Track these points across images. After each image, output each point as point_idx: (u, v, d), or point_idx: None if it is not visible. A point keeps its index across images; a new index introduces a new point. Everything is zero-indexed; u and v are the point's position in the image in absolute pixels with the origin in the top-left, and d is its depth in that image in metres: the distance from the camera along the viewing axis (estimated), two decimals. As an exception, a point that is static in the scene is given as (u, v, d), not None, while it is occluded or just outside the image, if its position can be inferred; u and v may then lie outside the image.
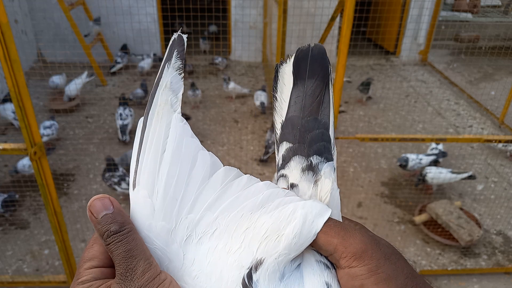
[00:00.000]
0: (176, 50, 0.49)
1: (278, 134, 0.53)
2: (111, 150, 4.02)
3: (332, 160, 0.50)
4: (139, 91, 4.81)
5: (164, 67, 0.49)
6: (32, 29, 5.71)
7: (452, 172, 3.32)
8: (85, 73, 4.72)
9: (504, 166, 3.95)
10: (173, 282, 0.41)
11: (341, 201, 0.49)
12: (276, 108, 0.54)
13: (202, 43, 6.23)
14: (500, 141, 2.51)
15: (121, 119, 4.13)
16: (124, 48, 5.67)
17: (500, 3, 5.06)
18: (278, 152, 0.52)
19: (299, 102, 0.52)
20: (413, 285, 0.40)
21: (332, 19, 3.21)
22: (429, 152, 3.79)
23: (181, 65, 0.48)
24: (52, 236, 2.81)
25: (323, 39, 3.62)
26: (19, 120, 1.82)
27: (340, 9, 3.11)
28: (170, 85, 0.47)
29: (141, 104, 4.85)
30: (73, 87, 4.57)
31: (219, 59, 5.89)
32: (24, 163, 3.32)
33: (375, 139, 2.38)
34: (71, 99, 4.70)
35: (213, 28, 6.86)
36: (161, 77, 0.49)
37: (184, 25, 6.93)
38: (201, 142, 0.51)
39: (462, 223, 2.92)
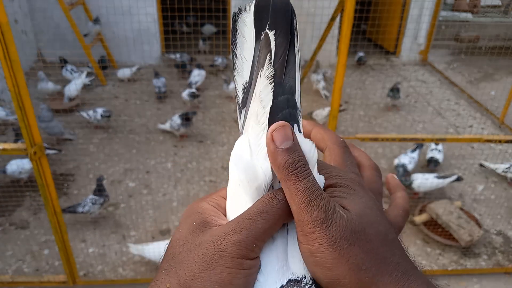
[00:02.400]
0: (268, 53, 0.43)
1: (240, 97, 0.46)
2: (111, 150, 4.03)
3: (299, 127, 0.45)
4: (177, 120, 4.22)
5: (258, 74, 0.43)
6: (32, 29, 5.71)
7: (439, 177, 3.27)
8: (85, 73, 4.72)
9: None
10: None
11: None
12: (237, 67, 0.47)
13: (202, 44, 6.23)
14: (500, 141, 2.51)
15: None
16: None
17: (500, 3, 5.06)
18: (240, 117, 0.47)
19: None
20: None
21: (332, 19, 3.21)
22: (428, 153, 3.80)
23: (272, 73, 0.42)
24: (52, 236, 2.81)
25: (323, 39, 3.62)
26: (19, 120, 1.82)
27: (340, 9, 3.11)
28: (259, 96, 0.42)
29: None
30: (73, 87, 4.57)
31: (219, 60, 5.89)
32: (14, 169, 3.26)
33: (375, 139, 2.38)
34: (71, 99, 4.70)
35: (208, 28, 6.83)
36: (254, 86, 0.43)
37: (184, 25, 6.93)
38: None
39: (462, 223, 2.92)
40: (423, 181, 3.23)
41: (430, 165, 3.68)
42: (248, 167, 0.41)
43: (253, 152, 0.42)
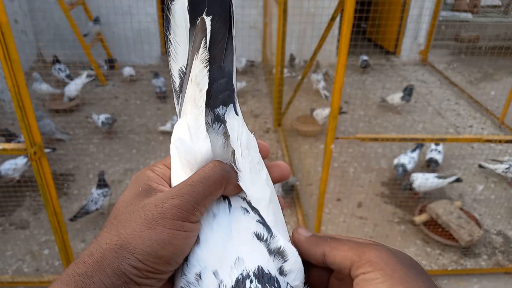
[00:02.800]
0: (204, 38, 0.43)
1: (177, 82, 0.47)
2: (111, 150, 4.03)
3: (236, 109, 0.47)
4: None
5: (193, 58, 0.44)
6: (32, 29, 5.71)
7: (439, 177, 3.27)
8: (85, 73, 4.71)
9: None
10: None
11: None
12: (171, 53, 0.47)
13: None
14: (500, 141, 2.51)
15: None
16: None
17: (500, 3, 5.06)
18: (177, 103, 0.47)
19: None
20: None
21: (332, 19, 3.21)
22: (428, 154, 3.80)
23: (207, 57, 0.43)
24: (52, 236, 2.81)
25: (323, 39, 3.62)
26: (19, 120, 1.82)
27: (340, 9, 3.11)
28: (196, 79, 0.43)
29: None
30: (73, 87, 4.57)
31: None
32: (7, 167, 3.26)
33: (375, 139, 2.38)
34: (71, 99, 4.69)
35: None
36: (190, 70, 0.44)
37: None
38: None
39: (462, 223, 2.92)
40: (423, 181, 3.23)
41: (430, 165, 3.68)
42: (188, 150, 0.43)
43: (192, 135, 0.43)
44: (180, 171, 0.45)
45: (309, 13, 5.07)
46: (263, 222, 0.43)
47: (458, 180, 3.30)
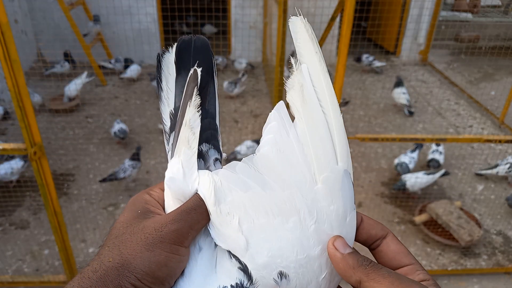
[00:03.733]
0: (195, 86, 0.50)
1: (168, 125, 0.54)
2: (111, 150, 4.03)
3: (218, 146, 0.53)
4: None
5: (186, 105, 0.49)
6: (32, 29, 5.71)
7: (428, 174, 3.31)
8: (85, 73, 4.71)
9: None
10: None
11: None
12: (163, 98, 0.55)
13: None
14: (500, 141, 2.51)
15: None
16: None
17: (500, 3, 5.06)
18: (168, 142, 0.53)
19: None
20: None
21: (332, 19, 3.21)
22: (429, 154, 3.80)
23: (200, 102, 0.49)
24: (52, 236, 2.81)
25: (323, 39, 3.62)
26: (19, 120, 1.82)
27: (340, 9, 3.11)
28: (189, 123, 0.48)
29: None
30: (73, 87, 4.57)
31: (219, 59, 5.89)
32: (3, 172, 3.20)
33: (375, 139, 2.38)
34: (71, 99, 4.69)
35: (208, 28, 6.83)
36: (183, 115, 0.50)
37: (184, 25, 6.93)
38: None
39: (462, 223, 2.92)
40: (415, 180, 3.25)
41: (430, 166, 3.68)
42: (179, 190, 0.48)
43: (185, 174, 0.48)
44: (172, 205, 0.49)
45: (309, 13, 5.07)
46: (243, 269, 0.44)
47: (446, 173, 3.36)
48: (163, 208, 0.50)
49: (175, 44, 0.54)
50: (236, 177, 0.47)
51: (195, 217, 0.45)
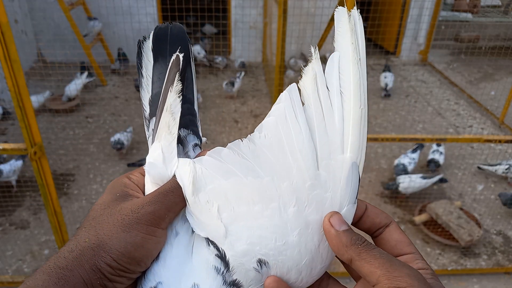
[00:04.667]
0: (177, 72, 0.50)
1: (147, 111, 0.54)
2: (111, 150, 4.02)
3: (197, 132, 0.54)
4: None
5: (168, 90, 0.50)
6: (32, 29, 5.71)
7: (424, 178, 3.29)
8: (85, 73, 4.71)
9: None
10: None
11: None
12: (143, 85, 0.55)
13: (201, 44, 6.23)
14: (500, 141, 2.51)
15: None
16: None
17: (500, 3, 5.06)
18: (148, 128, 0.53)
19: (163, 78, 0.52)
20: None
21: (332, 19, 3.21)
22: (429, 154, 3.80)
23: (181, 88, 0.49)
24: (52, 236, 2.81)
25: (323, 39, 3.62)
26: (19, 120, 1.82)
27: (340, 9, 3.11)
28: (170, 108, 0.49)
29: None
30: (73, 87, 4.57)
31: (219, 59, 5.89)
32: (8, 168, 3.21)
33: (375, 139, 2.38)
34: (71, 99, 4.69)
35: (208, 28, 6.83)
36: (165, 101, 0.50)
37: (184, 25, 6.93)
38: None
39: (462, 223, 2.92)
40: (409, 183, 3.23)
41: (430, 166, 3.68)
42: (158, 175, 0.48)
43: (165, 158, 0.48)
44: (151, 189, 0.49)
45: (309, 13, 5.07)
46: (221, 256, 0.44)
47: (442, 180, 3.35)
48: (143, 193, 0.50)
49: (152, 31, 0.55)
50: (219, 164, 0.46)
51: (173, 199, 0.45)
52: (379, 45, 7.02)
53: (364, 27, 0.51)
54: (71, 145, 4.07)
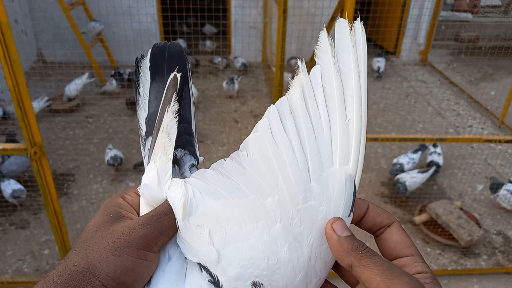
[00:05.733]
0: (174, 92, 0.49)
1: (144, 130, 0.53)
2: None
3: (194, 152, 0.53)
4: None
5: (164, 110, 0.49)
6: (32, 29, 5.71)
7: (422, 172, 3.34)
8: (86, 74, 4.71)
9: (504, 166, 3.95)
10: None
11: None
12: (140, 103, 0.55)
13: (202, 44, 6.23)
14: (500, 141, 2.51)
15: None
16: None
17: (500, 3, 5.06)
18: (144, 148, 0.53)
19: (160, 97, 0.52)
20: None
21: (332, 19, 3.22)
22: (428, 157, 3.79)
23: (178, 108, 0.49)
24: (52, 236, 2.81)
25: (323, 39, 3.61)
26: (19, 120, 1.82)
27: (340, 9, 3.11)
28: (166, 129, 0.48)
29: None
30: (73, 87, 4.57)
31: (218, 59, 5.89)
32: (12, 160, 3.23)
33: (375, 139, 2.38)
34: (71, 99, 4.69)
35: (208, 28, 6.83)
36: (161, 120, 0.49)
37: (184, 25, 6.93)
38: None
39: (462, 223, 2.92)
40: (412, 180, 3.26)
41: (431, 168, 3.65)
42: (151, 197, 0.47)
43: (160, 180, 0.47)
44: (145, 211, 0.48)
45: (309, 13, 5.07)
46: (214, 282, 0.43)
47: (437, 170, 3.49)
48: (137, 213, 0.49)
49: (149, 50, 0.55)
50: (205, 186, 0.46)
51: (166, 222, 0.44)
52: (379, 45, 7.02)
53: (364, 27, 0.51)
54: (71, 145, 4.07)
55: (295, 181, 0.45)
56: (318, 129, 0.47)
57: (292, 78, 0.50)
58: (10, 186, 3.09)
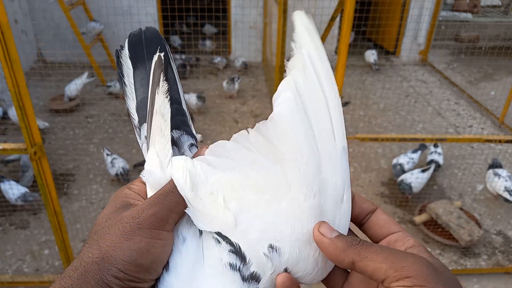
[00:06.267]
0: (162, 72, 0.49)
1: (136, 119, 0.54)
2: (111, 150, 4.02)
3: (190, 131, 0.53)
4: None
5: (155, 92, 0.49)
6: (32, 29, 5.71)
7: (423, 171, 3.36)
8: (86, 73, 4.71)
9: (504, 166, 3.94)
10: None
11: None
12: (128, 94, 0.54)
13: (202, 44, 6.22)
14: (500, 141, 2.51)
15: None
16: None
17: (500, 3, 5.07)
18: (140, 136, 0.53)
19: (145, 84, 0.52)
20: None
21: (332, 19, 3.21)
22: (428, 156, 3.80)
23: (168, 88, 0.48)
24: (52, 236, 2.81)
25: (323, 39, 3.62)
26: (19, 120, 1.82)
27: (340, 9, 3.11)
28: (160, 110, 0.47)
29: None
30: (73, 87, 4.57)
31: (218, 59, 5.89)
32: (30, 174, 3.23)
33: (375, 139, 2.38)
34: (71, 99, 4.69)
35: (208, 28, 6.83)
36: (153, 104, 0.49)
37: (184, 25, 6.93)
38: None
39: (462, 223, 2.92)
40: (417, 180, 3.26)
41: (431, 167, 3.65)
42: (155, 181, 0.46)
43: (162, 162, 0.46)
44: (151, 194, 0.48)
45: (309, 13, 5.06)
46: (235, 250, 0.42)
47: (436, 168, 3.51)
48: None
49: (126, 39, 0.55)
50: (218, 160, 0.46)
51: (174, 199, 0.44)
52: (379, 45, 7.02)
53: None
54: (71, 145, 4.07)
55: (308, 155, 0.45)
56: (321, 107, 0.49)
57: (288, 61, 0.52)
58: (16, 188, 3.08)
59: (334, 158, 0.47)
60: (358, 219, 0.50)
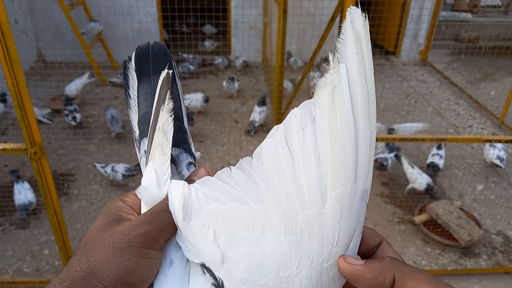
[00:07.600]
0: (168, 90, 0.49)
1: (137, 132, 0.53)
2: (111, 150, 4.03)
3: (190, 149, 0.52)
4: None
5: (159, 109, 0.48)
6: (32, 29, 5.71)
7: (419, 169, 3.43)
8: (87, 74, 4.71)
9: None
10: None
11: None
12: (131, 106, 0.54)
13: (202, 44, 6.22)
14: (500, 141, 2.51)
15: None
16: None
17: (500, 3, 5.07)
18: (140, 150, 0.53)
19: (149, 98, 0.52)
20: None
21: (332, 19, 3.22)
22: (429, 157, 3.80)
23: (173, 107, 0.48)
24: (52, 236, 2.81)
25: (323, 39, 3.62)
26: (19, 120, 1.82)
27: (340, 9, 3.12)
28: (163, 128, 0.47)
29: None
30: (73, 87, 4.57)
31: (218, 60, 5.89)
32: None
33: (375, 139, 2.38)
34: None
35: (208, 28, 6.83)
36: (157, 120, 0.48)
37: (184, 25, 6.93)
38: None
39: (462, 223, 2.93)
40: (417, 176, 3.29)
41: (429, 170, 3.62)
42: (150, 198, 0.46)
43: (159, 180, 0.46)
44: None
45: (309, 13, 5.07)
46: (217, 285, 0.42)
47: (435, 167, 3.60)
48: (139, 214, 0.48)
49: (133, 52, 0.54)
50: (210, 191, 0.45)
51: (166, 218, 0.43)
52: (379, 45, 7.02)
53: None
54: (71, 145, 4.07)
55: (309, 196, 0.42)
56: (345, 139, 0.43)
57: (321, 76, 0.45)
58: (24, 193, 3.07)
59: (349, 204, 0.43)
60: (363, 256, 0.48)
